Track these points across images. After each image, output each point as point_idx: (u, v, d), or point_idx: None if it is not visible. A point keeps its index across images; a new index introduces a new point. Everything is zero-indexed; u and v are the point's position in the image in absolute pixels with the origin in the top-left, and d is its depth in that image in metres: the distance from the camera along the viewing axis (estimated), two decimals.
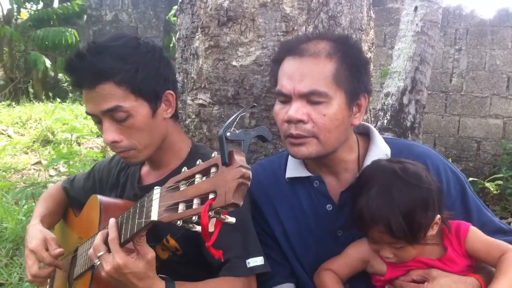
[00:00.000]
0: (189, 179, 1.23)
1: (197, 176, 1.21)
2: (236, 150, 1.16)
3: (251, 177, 1.13)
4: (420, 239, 1.56)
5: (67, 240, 2.12)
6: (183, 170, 1.27)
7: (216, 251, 1.24)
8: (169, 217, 1.24)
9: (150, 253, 1.47)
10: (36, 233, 1.92)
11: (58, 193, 2.25)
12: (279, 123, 1.69)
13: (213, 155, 1.20)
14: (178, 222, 1.21)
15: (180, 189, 1.24)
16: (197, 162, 1.24)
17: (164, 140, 1.81)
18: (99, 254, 1.47)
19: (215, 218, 1.17)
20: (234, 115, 1.28)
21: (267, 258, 1.79)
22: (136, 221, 1.39)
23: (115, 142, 1.70)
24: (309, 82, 1.62)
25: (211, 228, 1.17)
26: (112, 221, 1.51)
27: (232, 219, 1.20)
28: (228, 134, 1.21)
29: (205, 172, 1.21)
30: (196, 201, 1.18)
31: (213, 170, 1.18)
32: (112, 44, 1.71)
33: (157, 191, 1.32)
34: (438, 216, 1.59)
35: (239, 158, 1.14)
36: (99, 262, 1.48)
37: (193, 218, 1.18)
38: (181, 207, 1.21)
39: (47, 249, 1.86)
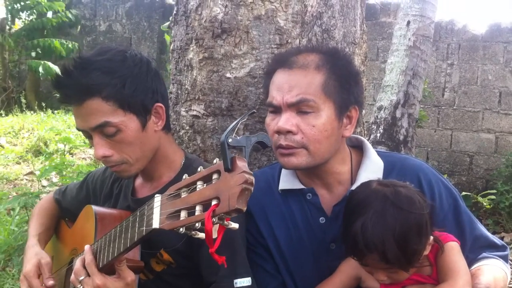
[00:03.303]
0: (190, 186, 1.23)
1: (199, 183, 1.21)
2: (238, 156, 1.16)
3: (254, 182, 1.13)
4: (415, 263, 1.55)
5: (60, 251, 2.10)
6: (184, 177, 1.27)
7: (219, 257, 1.23)
8: (171, 224, 1.24)
9: (130, 277, 1.54)
10: (31, 257, 1.92)
11: (51, 206, 2.23)
12: (270, 134, 1.70)
13: (214, 161, 1.21)
14: (181, 229, 1.21)
15: (182, 196, 1.24)
16: (198, 169, 1.24)
17: (156, 152, 1.80)
18: (80, 278, 1.56)
19: (218, 224, 1.17)
20: (235, 122, 1.28)
21: (260, 269, 1.79)
22: (137, 229, 1.39)
23: (106, 156, 1.69)
24: (297, 92, 1.64)
25: (214, 235, 1.17)
26: (87, 247, 1.59)
27: (235, 225, 1.20)
28: (229, 140, 1.21)
29: (207, 179, 1.21)
30: (198, 208, 1.18)
31: (215, 176, 1.18)
32: (98, 58, 1.69)
33: (157, 199, 1.32)
34: (431, 237, 1.58)
35: (242, 164, 1.14)
36: (81, 287, 1.56)
37: (196, 225, 1.18)
38: (183, 214, 1.21)
39: (40, 274, 1.86)
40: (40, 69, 10.02)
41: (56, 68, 10.06)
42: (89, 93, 1.63)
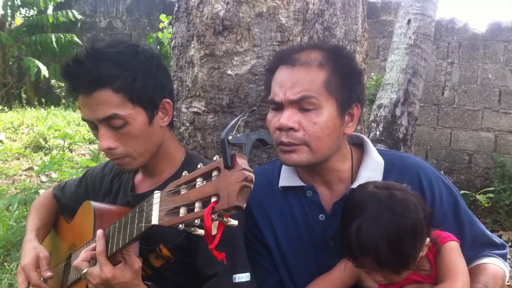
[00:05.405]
0: (190, 183, 1.23)
1: (198, 180, 1.21)
2: (239, 154, 1.16)
3: (254, 180, 1.14)
4: (409, 266, 1.55)
5: (59, 247, 2.10)
6: (183, 174, 1.27)
7: (219, 253, 1.23)
8: (170, 221, 1.24)
9: (137, 263, 1.52)
10: (29, 250, 1.92)
11: (49, 202, 2.23)
12: (271, 131, 1.70)
13: (214, 158, 1.21)
14: (180, 226, 1.21)
15: (181, 193, 1.24)
16: (198, 166, 1.24)
17: (159, 148, 1.80)
18: (84, 271, 1.54)
19: (217, 221, 1.17)
20: (236, 119, 1.28)
21: (259, 266, 1.79)
22: (136, 225, 1.39)
23: (110, 149, 1.68)
24: (300, 89, 1.64)
25: (213, 231, 1.17)
26: (99, 232, 1.55)
27: (234, 222, 1.20)
28: (230, 137, 1.21)
29: (207, 176, 1.21)
30: (198, 205, 1.18)
31: (214, 173, 1.18)
32: (110, 50, 1.69)
33: (157, 195, 1.32)
34: (428, 239, 1.58)
35: (242, 161, 1.14)
36: (86, 270, 1.54)
37: (196, 221, 1.18)
38: (182, 210, 1.21)
39: (38, 267, 1.86)
40: (32, 69, 10.02)
41: (44, 70, 10.07)
42: (100, 83, 1.63)
